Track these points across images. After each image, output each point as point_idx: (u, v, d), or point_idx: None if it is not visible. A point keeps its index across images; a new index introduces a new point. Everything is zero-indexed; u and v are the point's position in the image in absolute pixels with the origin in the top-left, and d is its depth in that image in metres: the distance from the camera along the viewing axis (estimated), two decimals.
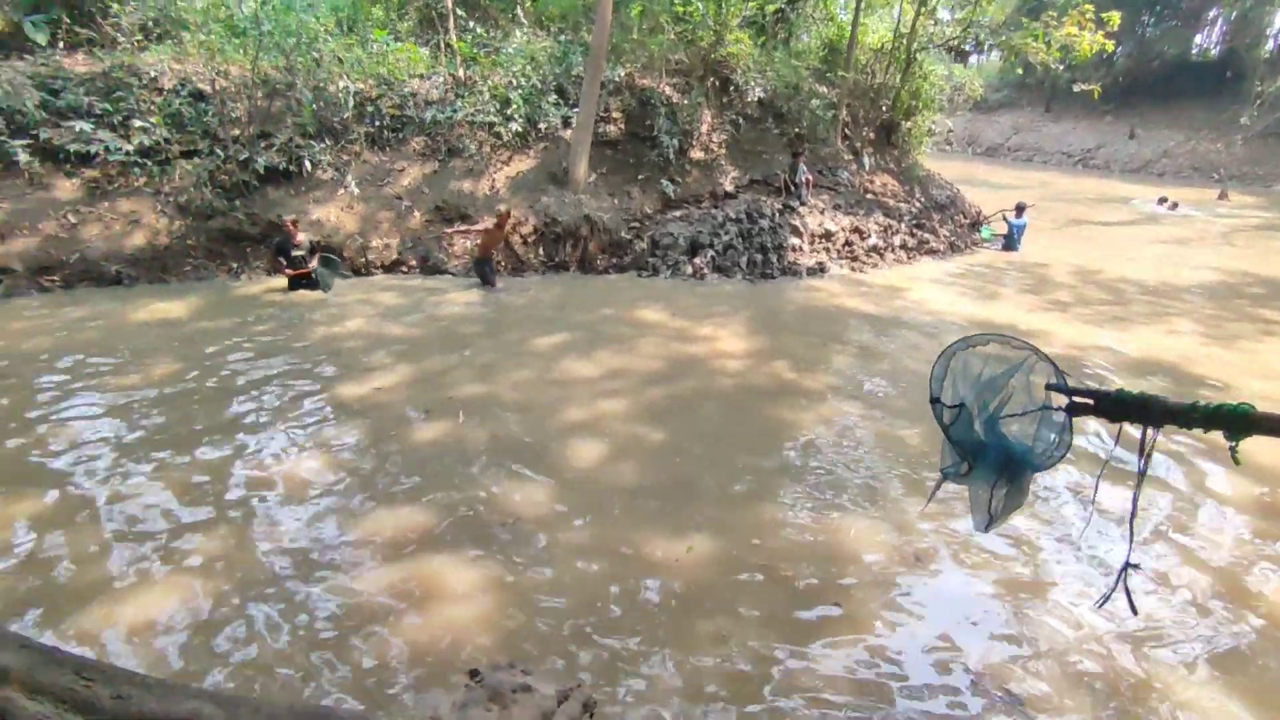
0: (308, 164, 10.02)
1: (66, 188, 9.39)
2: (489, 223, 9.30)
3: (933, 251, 12.29)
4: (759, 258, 10.39)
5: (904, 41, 13.98)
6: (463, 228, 9.79)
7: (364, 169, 10.40)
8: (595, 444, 5.11)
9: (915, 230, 12.55)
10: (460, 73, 11.42)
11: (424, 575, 3.59)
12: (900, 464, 4.98)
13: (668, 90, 11.95)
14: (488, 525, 4.05)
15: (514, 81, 11.23)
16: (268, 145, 9.92)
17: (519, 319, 8.03)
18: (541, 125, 11.14)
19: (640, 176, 11.31)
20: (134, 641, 3.09)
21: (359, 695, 2.83)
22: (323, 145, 10.28)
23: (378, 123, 10.77)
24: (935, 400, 2.26)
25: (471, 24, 12.27)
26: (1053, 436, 2.16)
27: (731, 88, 12.43)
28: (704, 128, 12.03)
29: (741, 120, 12.50)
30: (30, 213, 8.98)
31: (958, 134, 35.78)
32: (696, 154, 11.88)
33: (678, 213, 11.11)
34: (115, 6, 11.05)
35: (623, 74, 11.76)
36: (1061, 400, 2.13)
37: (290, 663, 2.99)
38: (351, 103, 10.54)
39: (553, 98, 11.34)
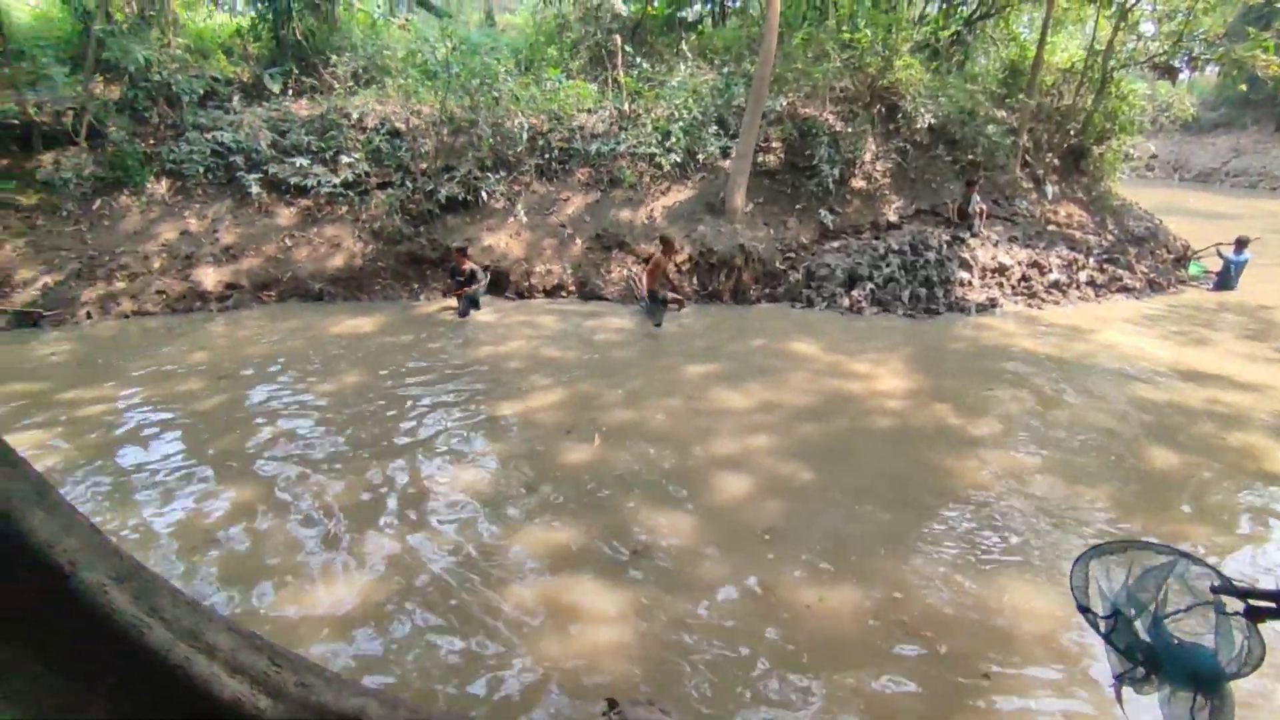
0: (483, 194, 10.80)
1: (286, 215, 10.75)
2: (654, 252, 9.43)
3: (1127, 289, 11.05)
4: (923, 292, 9.85)
5: (1099, 60, 12.80)
6: (640, 262, 9.99)
7: (532, 198, 11.05)
8: (740, 478, 5.04)
9: (1106, 265, 11.36)
10: (625, 106, 11.87)
11: (565, 594, 3.69)
12: (1075, 528, 4.47)
13: (830, 118, 11.72)
14: (629, 550, 4.10)
15: (675, 114, 11.51)
16: (450, 177, 10.82)
17: (670, 347, 8.13)
18: (700, 156, 11.31)
19: (798, 206, 11.14)
20: (300, 629, 3.40)
21: (498, 710, 2.94)
22: (497, 177, 11.05)
23: (547, 155, 11.43)
24: (1084, 610, 2.04)
25: (638, 60, 12.75)
26: (1239, 639, 1.83)
27: (899, 114, 11.97)
28: (867, 156, 11.65)
29: (909, 147, 11.99)
30: (257, 237, 10.37)
31: (1161, 158, 32.13)
32: (858, 183, 11.53)
33: (835, 244, 10.81)
34: (334, 58, 12.59)
35: (784, 103, 11.70)
36: (1236, 603, 1.81)
37: (438, 665, 3.16)
38: (525, 137, 11.27)
39: (713, 129, 11.50)
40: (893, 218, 11.34)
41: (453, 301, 9.60)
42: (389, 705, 1.83)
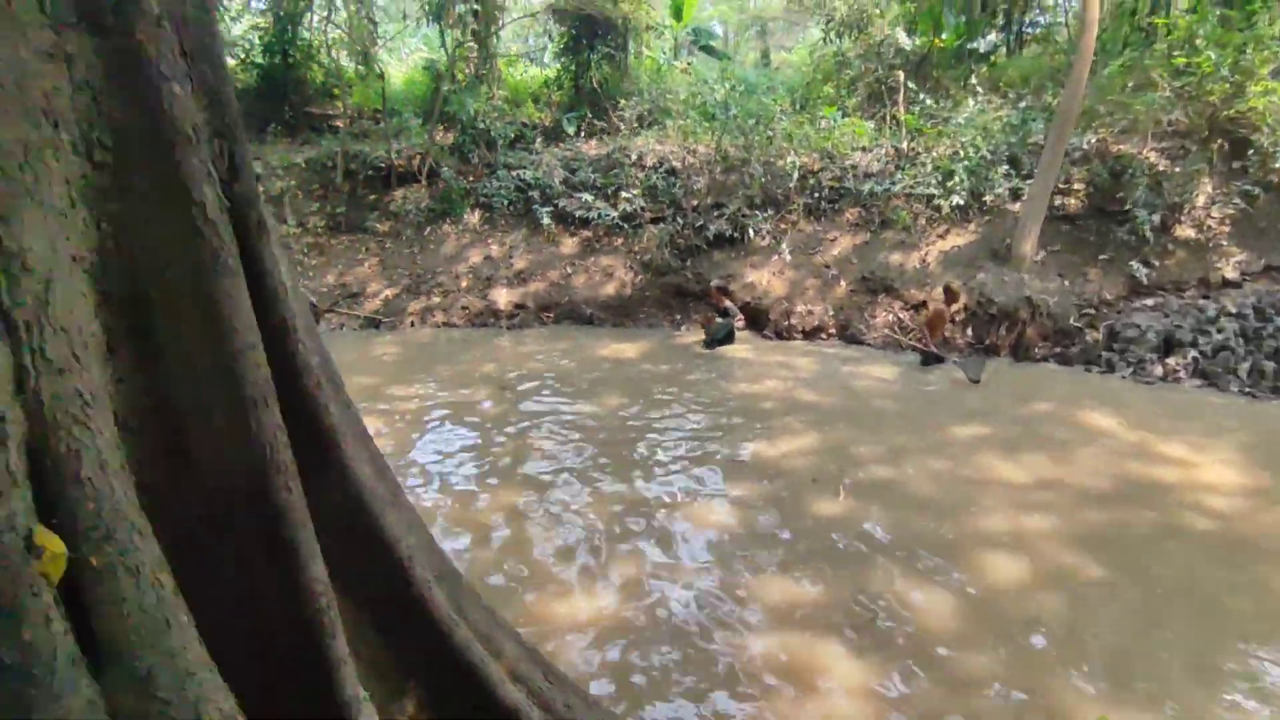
0: (750, 231, 11.02)
1: (569, 245, 11.92)
2: (934, 301, 8.93)
3: None
4: (1270, 366, 8.07)
5: None
6: (909, 308, 9.59)
7: (798, 237, 11.03)
8: (1012, 561, 4.49)
9: None
10: (904, 145, 11.40)
11: (802, 655, 3.54)
12: None
13: (1152, 157, 10.16)
14: (876, 620, 3.83)
15: (960, 152, 10.78)
16: (719, 214, 11.21)
17: (936, 402, 7.56)
18: (986, 198, 10.45)
19: (1101, 256, 9.78)
20: (547, 645, 3.65)
21: None
22: (765, 214, 11.22)
23: (816, 194, 11.35)
24: None
25: (921, 95, 12.18)
26: None
27: (1249, 151, 10.01)
28: (1200, 200, 9.89)
29: (1259, 191, 9.96)
30: (544, 263, 11.62)
31: None
32: (1184, 232, 9.82)
33: (1149, 301, 9.29)
34: (623, 102, 13.75)
35: (1093, 140, 10.39)
36: None
37: (670, 704, 3.20)
38: (795, 175, 11.31)
39: (1003, 168, 10.56)
40: (1231, 274, 9.47)
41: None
42: None
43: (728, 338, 9.61)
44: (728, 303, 9.76)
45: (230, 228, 1.10)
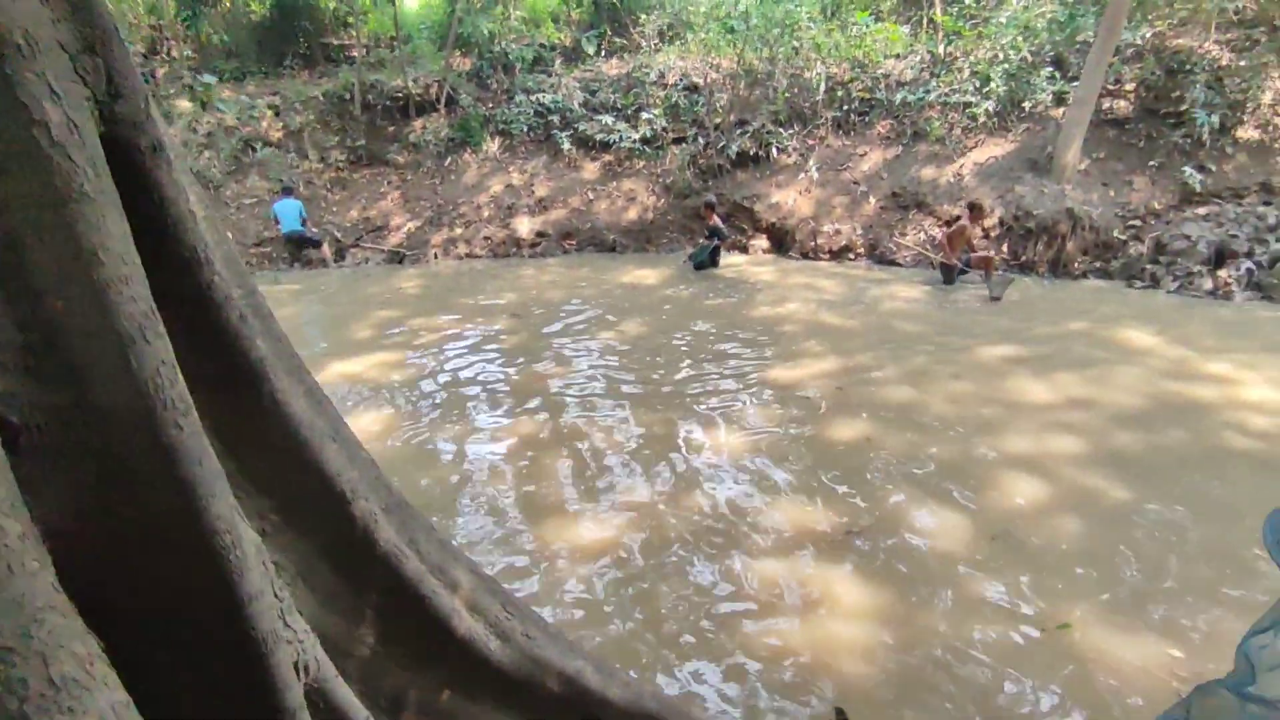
0: (775, 149, 10.60)
1: (590, 170, 11.65)
2: (959, 216, 8.56)
3: None
4: None
5: None
6: (942, 225, 9.18)
7: (826, 153, 10.58)
8: (1032, 484, 4.38)
9: None
10: (940, 49, 10.70)
11: (808, 581, 3.55)
12: None
13: (1214, 50, 9.37)
14: (887, 545, 3.81)
15: (1000, 55, 10.08)
16: (742, 132, 10.78)
17: (966, 322, 7.32)
18: (1026, 104, 9.81)
19: (1151, 163, 9.17)
20: (541, 568, 3.71)
21: (715, 694, 2.92)
22: (791, 131, 10.74)
23: (846, 107, 10.81)
24: None
25: None
26: None
27: None
28: (1266, 98, 9.13)
29: None
30: (564, 190, 11.40)
31: None
32: (1247, 133, 9.11)
33: (1201, 210, 8.73)
34: (643, 17, 13.13)
35: (1148, 35, 9.60)
36: None
37: (660, 634, 3.23)
38: (823, 88, 10.76)
39: (1046, 71, 9.86)
40: None
41: (733, 259, 9.70)
42: (605, 673, 1.90)
43: (713, 258, 9.31)
44: (715, 220, 9.38)
45: (89, 149, 1.04)
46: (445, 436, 5.09)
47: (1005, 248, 8.95)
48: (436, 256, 10.72)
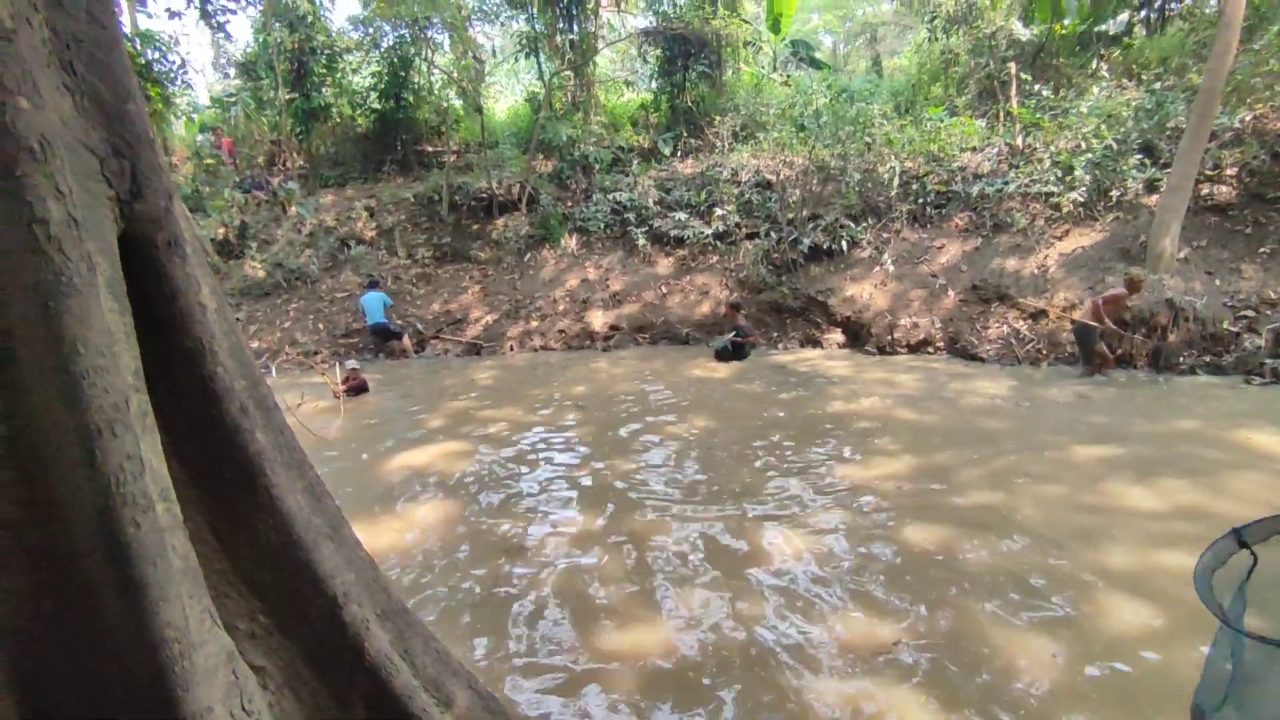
0: (847, 243, 10.53)
1: (664, 265, 11.86)
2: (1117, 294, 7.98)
3: None
4: None
5: None
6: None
7: (902, 246, 10.42)
8: (1140, 608, 3.84)
9: None
10: (1017, 141, 10.55)
11: (879, 702, 3.18)
12: None
13: None
14: (966, 670, 3.39)
15: (1083, 144, 9.82)
16: (815, 226, 10.79)
17: (1057, 420, 6.81)
18: (1114, 192, 9.44)
19: (1262, 250, 8.56)
20: (598, 666, 3.47)
21: None
22: (865, 224, 10.69)
23: (921, 199, 10.71)
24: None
25: (1037, 87, 11.26)
26: None
27: None
28: None
29: None
30: (638, 284, 11.62)
31: None
32: None
33: None
34: (718, 119, 13.64)
35: (1246, 119, 9.18)
36: None
37: None
38: (897, 182, 10.73)
39: (1135, 158, 9.52)
40: None
41: (806, 353, 9.53)
42: None
43: (735, 352, 9.44)
44: (740, 320, 9.73)
45: (91, 244, 1.05)
46: (504, 529, 5.02)
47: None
48: (512, 348, 11.00)
